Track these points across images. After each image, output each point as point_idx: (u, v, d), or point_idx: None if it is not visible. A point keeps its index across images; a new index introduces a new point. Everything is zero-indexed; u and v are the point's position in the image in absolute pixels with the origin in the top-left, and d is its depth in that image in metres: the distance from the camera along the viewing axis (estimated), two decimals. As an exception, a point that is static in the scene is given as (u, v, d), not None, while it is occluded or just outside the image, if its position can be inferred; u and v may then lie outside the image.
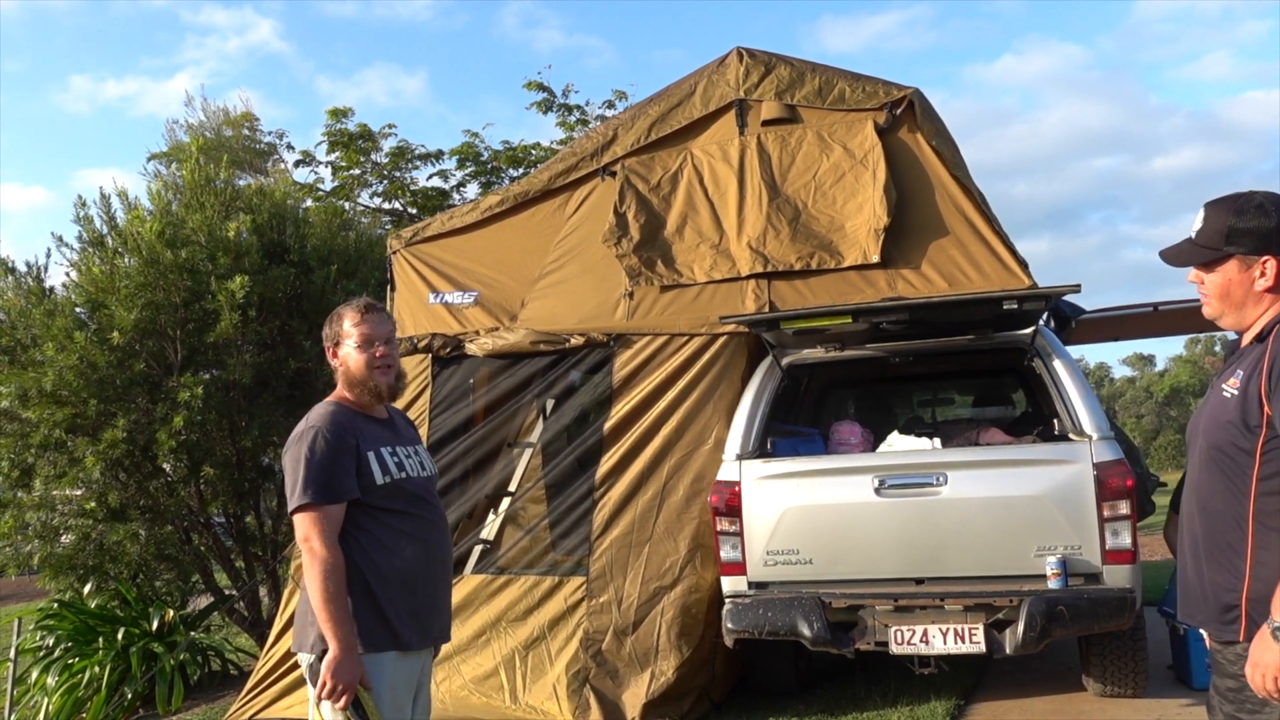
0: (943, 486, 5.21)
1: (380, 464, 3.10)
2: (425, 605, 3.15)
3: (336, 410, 3.13)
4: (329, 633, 2.87)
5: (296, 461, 3.00)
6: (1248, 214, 2.51)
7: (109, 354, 7.65)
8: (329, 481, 2.99)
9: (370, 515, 3.06)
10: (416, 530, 3.16)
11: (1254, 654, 2.35)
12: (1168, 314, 7.40)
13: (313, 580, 2.90)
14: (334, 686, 2.86)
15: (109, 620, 7.57)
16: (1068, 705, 5.54)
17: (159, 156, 15.07)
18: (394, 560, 3.06)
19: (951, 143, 6.24)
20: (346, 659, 2.87)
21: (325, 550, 2.92)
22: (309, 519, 2.95)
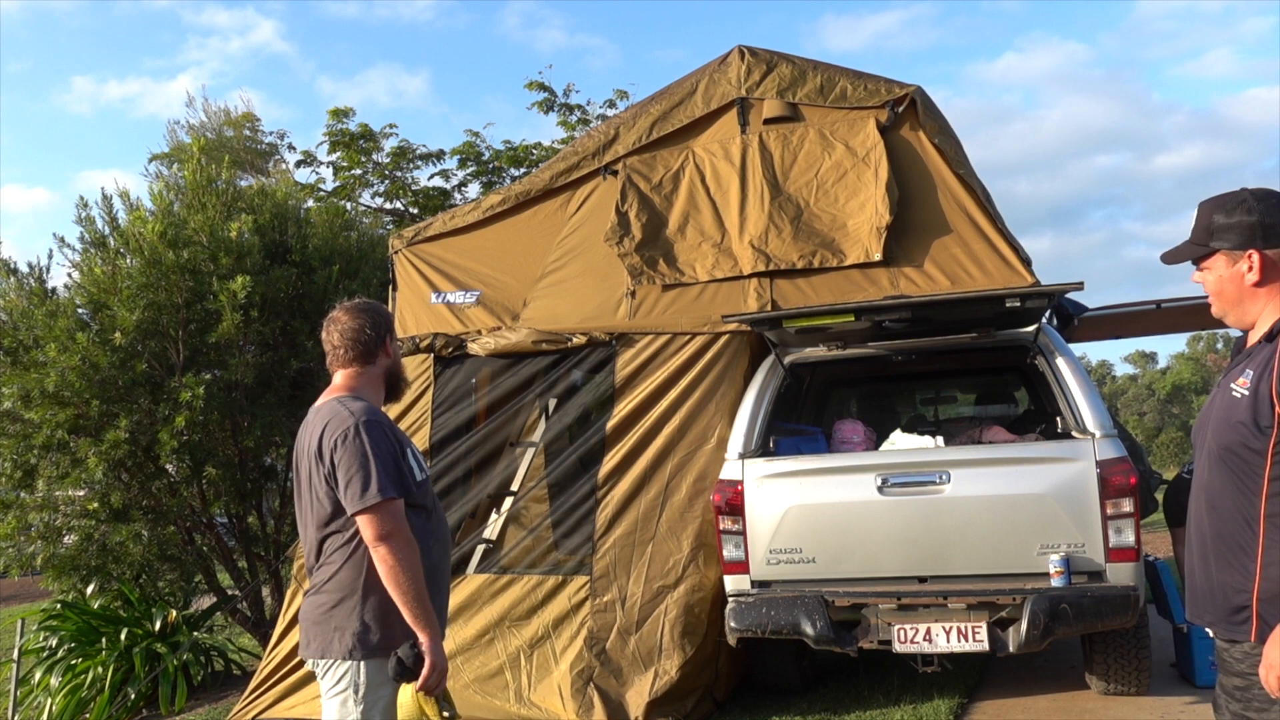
0: (945, 485, 5.20)
1: (417, 462, 3.14)
2: (445, 600, 3.23)
3: (371, 405, 3.09)
4: (425, 623, 2.90)
5: (363, 457, 2.92)
6: (1231, 210, 2.54)
7: (111, 355, 7.65)
8: (399, 473, 2.98)
9: (410, 515, 3.03)
10: (438, 528, 3.20)
11: (1267, 654, 2.35)
12: (1171, 311, 7.39)
13: (403, 574, 2.88)
14: (443, 671, 2.92)
15: (112, 621, 7.57)
16: (1071, 703, 5.54)
17: (160, 157, 15.10)
18: (426, 561, 3.04)
19: (955, 140, 6.23)
20: (440, 645, 2.93)
21: (410, 544, 2.92)
22: (391, 513, 2.91)
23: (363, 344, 3.16)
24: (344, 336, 3.17)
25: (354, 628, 2.97)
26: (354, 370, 3.19)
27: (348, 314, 3.20)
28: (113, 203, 8.56)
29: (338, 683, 2.99)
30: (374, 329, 3.18)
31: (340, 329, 3.18)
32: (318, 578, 3.08)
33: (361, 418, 2.99)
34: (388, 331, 3.22)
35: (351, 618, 2.98)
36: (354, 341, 3.16)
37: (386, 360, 3.21)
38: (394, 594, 2.91)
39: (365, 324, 3.17)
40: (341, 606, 3.00)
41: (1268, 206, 2.51)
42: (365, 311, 3.20)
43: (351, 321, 3.17)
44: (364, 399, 3.12)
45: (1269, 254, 2.50)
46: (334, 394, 3.15)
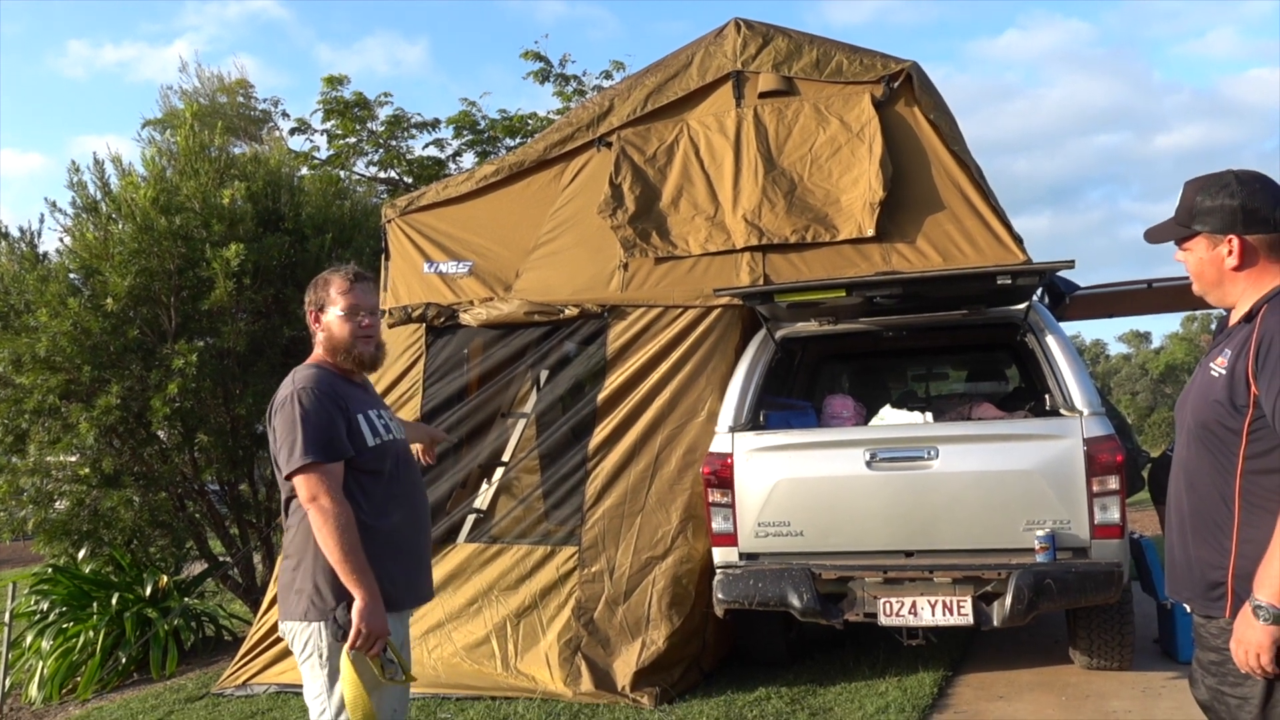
0: (934, 460, 5.23)
1: (370, 426, 3.13)
2: (413, 566, 3.20)
3: (321, 372, 3.14)
4: (354, 583, 2.89)
5: (292, 422, 2.98)
6: (1214, 193, 2.54)
7: (103, 320, 7.63)
8: (328, 439, 2.99)
9: (359, 479, 3.06)
10: (403, 493, 3.19)
11: (1237, 630, 2.38)
12: (1162, 291, 7.41)
13: (329, 536, 2.90)
14: (369, 633, 2.89)
15: (103, 585, 7.60)
16: (1054, 677, 5.60)
17: (153, 123, 14.99)
18: (382, 524, 3.08)
19: (949, 117, 6.22)
20: (376, 606, 2.90)
21: (337, 505, 2.93)
22: (314, 478, 2.94)
23: (309, 318, 3.26)
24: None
25: (309, 589, 3.00)
26: (316, 340, 3.27)
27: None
28: (105, 168, 8.50)
29: (304, 647, 3.03)
30: (308, 305, 3.26)
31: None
32: (285, 541, 3.14)
33: (300, 385, 3.05)
34: (314, 307, 3.24)
35: (307, 580, 3.01)
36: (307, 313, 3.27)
37: (322, 333, 3.23)
38: (326, 555, 2.93)
39: (306, 299, 3.28)
40: (300, 569, 3.04)
41: (1250, 191, 2.51)
42: (310, 286, 3.28)
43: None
44: (321, 366, 3.18)
45: (1249, 239, 2.51)
46: (305, 362, 3.24)
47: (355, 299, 3.20)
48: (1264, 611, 2.31)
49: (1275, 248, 2.51)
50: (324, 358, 3.23)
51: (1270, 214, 2.50)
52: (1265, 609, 2.31)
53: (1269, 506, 2.38)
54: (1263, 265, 2.51)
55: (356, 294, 3.21)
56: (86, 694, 6.83)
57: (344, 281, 3.22)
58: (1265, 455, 2.41)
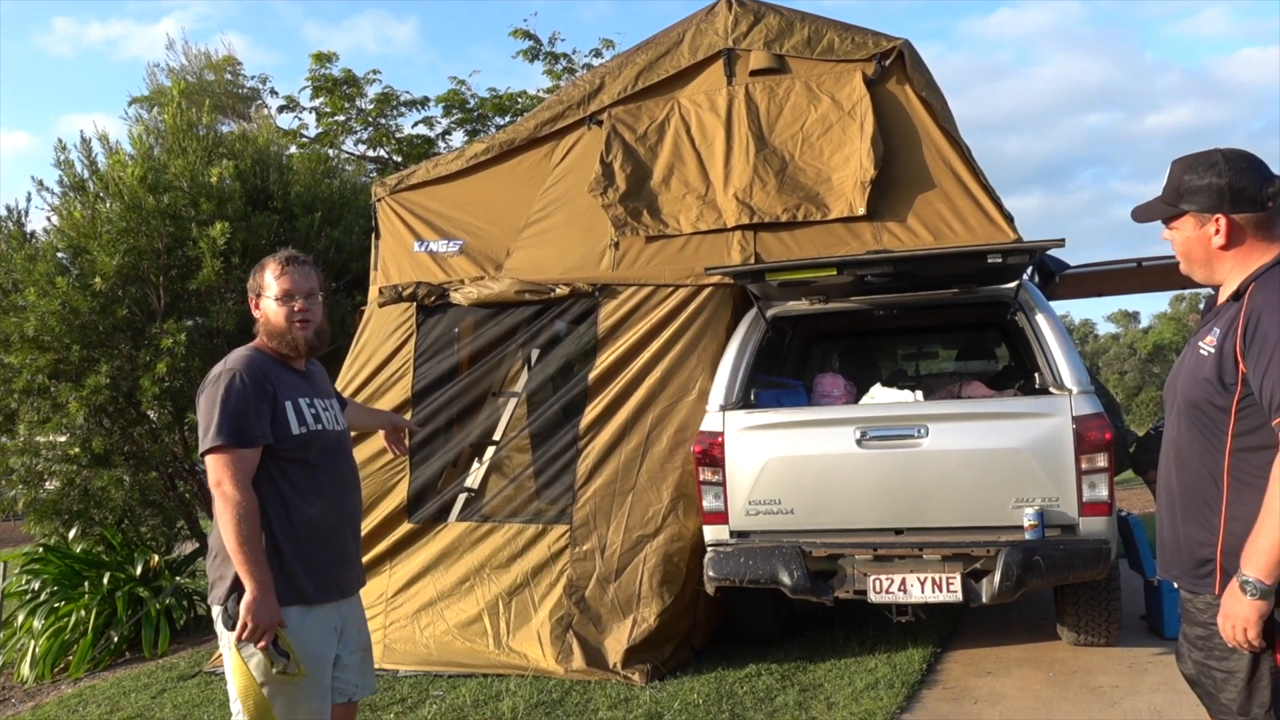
0: (924, 439, 5.25)
1: (297, 414, 3.09)
2: (331, 559, 3.14)
3: (255, 355, 3.12)
4: (245, 574, 2.86)
5: (211, 403, 2.97)
6: (1201, 171, 2.54)
7: (91, 300, 7.60)
8: (243, 425, 2.95)
9: (281, 466, 3.04)
10: (326, 485, 3.14)
11: (1225, 605, 2.41)
12: (1151, 270, 7.41)
13: (226, 523, 2.88)
14: (255, 627, 2.85)
15: (94, 565, 7.60)
16: (1042, 653, 5.65)
17: (140, 100, 14.81)
18: (301, 514, 3.05)
19: (940, 96, 6.21)
20: (265, 598, 2.87)
21: (239, 493, 2.90)
22: (221, 461, 2.92)
23: (251, 302, 3.23)
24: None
25: (229, 575, 2.97)
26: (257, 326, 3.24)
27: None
28: (92, 146, 8.45)
29: (223, 623, 3.01)
30: (249, 290, 3.24)
31: None
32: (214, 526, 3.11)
33: (228, 365, 3.04)
34: (254, 293, 3.21)
35: (224, 565, 2.99)
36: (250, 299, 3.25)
37: (257, 314, 3.21)
38: (224, 541, 2.92)
39: (250, 279, 3.25)
40: (221, 554, 3.01)
41: (1238, 170, 2.51)
42: (252, 272, 3.25)
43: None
44: (259, 349, 3.16)
45: (1236, 218, 2.51)
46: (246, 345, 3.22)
47: (289, 284, 3.17)
48: (1251, 587, 2.33)
49: (1262, 226, 2.52)
50: (264, 342, 3.19)
51: (1257, 193, 2.50)
52: (1252, 584, 2.33)
53: (1257, 484, 2.40)
54: (1250, 244, 2.52)
55: (291, 278, 3.18)
56: (79, 673, 6.84)
57: (278, 266, 3.19)
58: (1253, 433, 2.43)
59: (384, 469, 6.35)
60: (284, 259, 3.22)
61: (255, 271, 3.24)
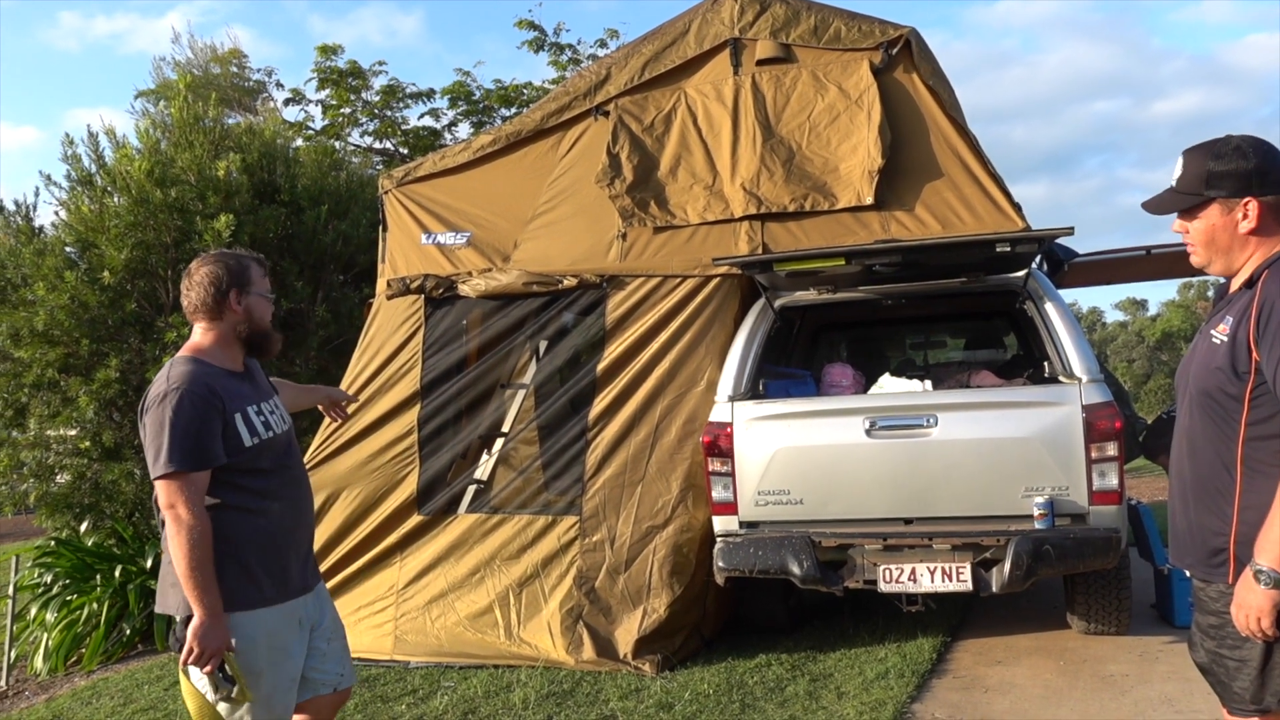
0: (933, 428, 5.25)
1: (248, 426, 3.00)
2: (289, 559, 3.10)
3: (199, 369, 2.97)
4: (194, 600, 2.81)
5: (160, 426, 2.85)
6: (1226, 157, 2.52)
7: (100, 294, 7.62)
8: (195, 447, 2.86)
9: (236, 476, 2.97)
10: (281, 488, 3.09)
11: (1238, 594, 2.40)
12: (1160, 258, 7.39)
13: (179, 548, 2.81)
14: (200, 652, 2.81)
15: (106, 558, 7.63)
16: (1052, 642, 5.65)
17: (147, 94, 14.89)
18: (259, 520, 3.00)
19: (947, 84, 6.19)
20: (213, 625, 2.82)
21: (193, 518, 2.82)
22: (175, 486, 2.84)
23: (203, 300, 3.06)
24: (188, 291, 3.08)
25: (176, 581, 2.90)
26: (202, 325, 3.10)
27: (197, 265, 3.10)
28: (99, 140, 8.47)
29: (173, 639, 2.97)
30: (214, 284, 3.05)
31: (188, 281, 3.10)
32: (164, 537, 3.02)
33: (174, 384, 2.90)
34: (233, 286, 3.07)
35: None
36: (197, 297, 3.06)
37: (234, 317, 3.08)
38: (175, 565, 2.85)
39: (207, 278, 3.06)
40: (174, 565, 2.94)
41: (1262, 153, 2.50)
42: (212, 263, 3.09)
43: (197, 274, 3.08)
44: (202, 359, 3.02)
45: (1266, 200, 2.50)
46: (181, 352, 3.07)
47: (268, 283, 3.15)
48: (1265, 576, 2.33)
49: (1278, 210, 2.51)
50: (207, 347, 3.07)
51: (1279, 176, 2.49)
52: (1266, 573, 2.33)
53: (1270, 472, 2.39)
54: (1271, 228, 2.51)
55: (268, 279, 3.15)
56: (91, 665, 6.87)
57: (260, 266, 3.15)
58: (1266, 421, 2.42)
59: (393, 461, 6.37)
60: (260, 259, 3.18)
61: (229, 264, 3.09)
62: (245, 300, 3.10)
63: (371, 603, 6.12)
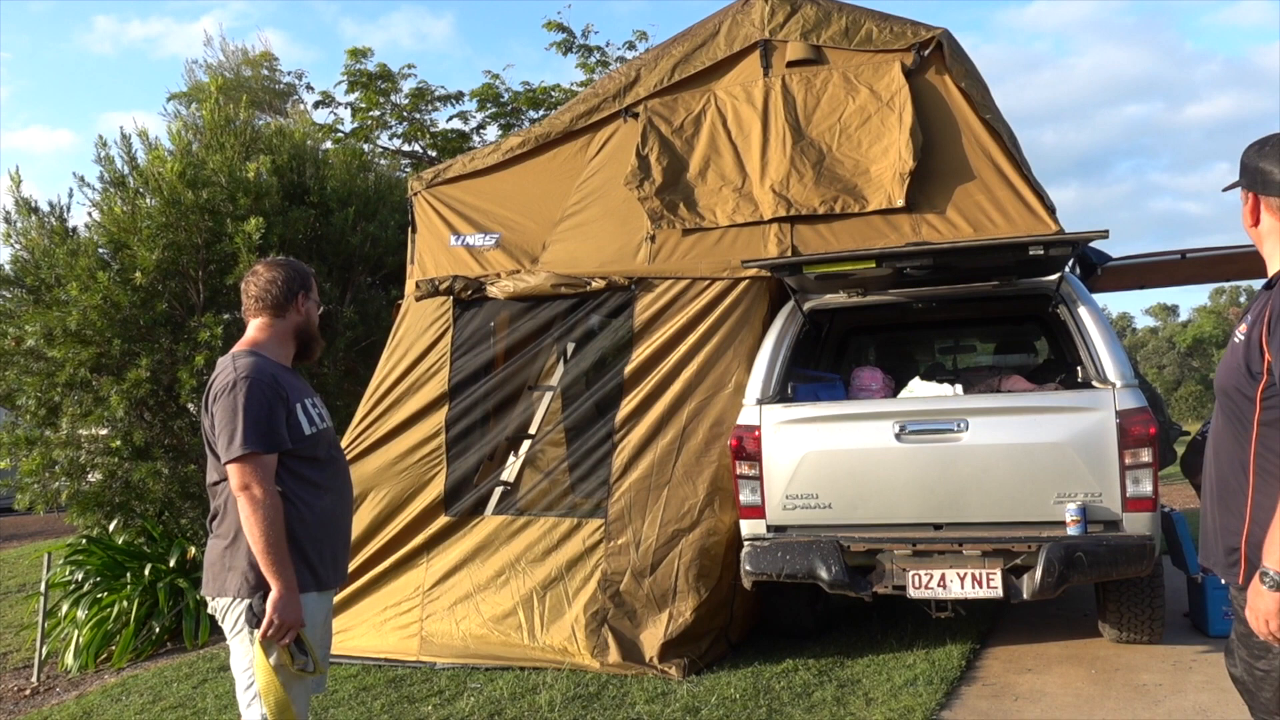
0: (963, 433, 5.20)
1: (306, 415, 3.20)
2: (340, 547, 3.31)
3: (262, 360, 3.17)
4: (275, 574, 2.98)
5: (233, 411, 3.03)
6: (1253, 150, 2.55)
7: (132, 294, 7.69)
8: (268, 430, 3.04)
9: (296, 465, 3.14)
10: (333, 477, 3.29)
11: (1250, 599, 2.39)
12: (1195, 262, 7.31)
13: (255, 526, 2.97)
14: (282, 624, 2.98)
15: (136, 556, 7.69)
16: (1083, 650, 5.58)
17: (178, 96, 15.01)
18: (315, 507, 3.17)
19: (982, 84, 6.13)
20: (292, 598, 2.99)
21: (268, 496, 3.00)
22: (249, 467, 3.00)
23: (273, 296, 3.27)
24: (257, 288, 3.29)
25: (242, 567, 3.07)
26: (263, 322, 3.29)
27: (266, 267, 3.33)
28: (131, 142, 8.55)
29: (235, 622, 3.11)
30: (286, 284, 3.28)
31: (256, 280, 3.30)
32: (215, 521, 3.20)
33: (242, 374, 3.08)
34: (302, 288, 3.30)
35: (241, 558, 3.08)
36: (265, 293, 3.27)
37: (298, 317, 3.31)
38: (251, 544, 3.00)
39: (279, 278, 3.28)
40: (233, 547, 3.11)
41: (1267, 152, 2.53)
42: (282, 266, 3.31)
43: (267, 274, 3.29)
44: (261, 353, 3.21)
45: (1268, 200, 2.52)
46: (237, 348, 3.26)
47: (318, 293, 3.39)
48: (1269, 579, 2.31)
49: None
50: (265, 342, 3.27)
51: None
52: (1271, 576, 2.31)
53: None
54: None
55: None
56: (121, 662, 6.93)
57: (315, 279, 3.39)
58: (1278, 423, 2.39)
59: (421, 462, 6.38)
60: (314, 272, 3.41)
61: (296, 270, 3.34)
62: (307, 304, 3.34)
63: (398, 603, 6.13)
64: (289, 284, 3.28)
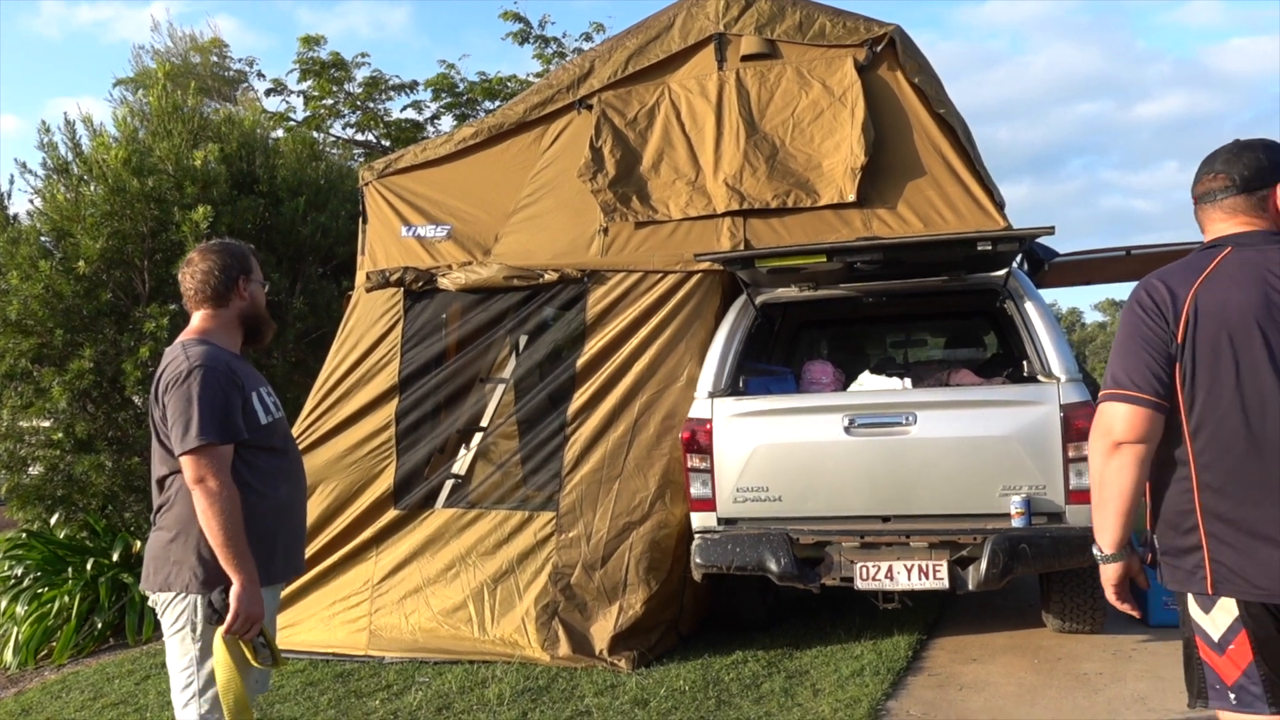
0: (911, 426, 5.25)
1: (262, 404, 3.13)
2: (294, 539, 3.26)
3: (214, 349, 3.09)
4: (236, 567, 2.91)
5: (187, 401, 2.95)
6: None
7: (75, 283, 7.53)
8: (224, 420, 2.97)
9: (252, 455, 3.07)
10: (289, 468, 3.23)
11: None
12: (1141, 258, 7.41)
13: (213, 519, 2.90)
14: (246, 617, 2.91)
15: (78, 551, 7.55)
16: (1027, 640, 5.66)
17: (125, 82, 14.71)
18: (270, 498, 3.10)
19: (935, 80, 6.17)
20: (254, 590, 2.94)
21: (224, 488, 2.92)
22: (204, 459, 2.92)
23: (211, 288, 3.17)
24: (194, 280, 3.18)
25: (190, 562, 2.99)
26: (206, 312, 3.19)
27: (200, 255, 3.21)
28: (76, 128, 8.37)
29: (176, 619, 3.03)
30: (223, 271, 3.17)
31: (192, 272, 3.19)
32: (160, 514, 3.11)
33: (196, 362, 3.00)
34: (241, 273, 3.19)
35: (188, 553, 3.00)
36: (204, 285, 3.17)
37: (241, 303, 3.21)
38: (208, 537, 2.93)
39: (214, 267, 3.17)
40: (178, 541, 3.02)
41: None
42: (218, 252, 3.20)
43: (202, 264, 3.18)
44: (211, 342, 3.12)
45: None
46: (184, 336, 3.17)
47: (261, 271, 3.28)
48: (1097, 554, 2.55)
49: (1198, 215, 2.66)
50: (213, 330, 3.18)
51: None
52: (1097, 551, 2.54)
53: None
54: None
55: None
56: (62, 659, 6.80)
57: (255, 256, 3.29)
58: None
59: (370, 455, 6.32)
60: (254, 249, 3.31)
61: (234, 253, 3.23)
62: (249, 287, 3.22)
63: (346, 597, 6.08)
64: (226, 271, 3.18)
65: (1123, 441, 2.40)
